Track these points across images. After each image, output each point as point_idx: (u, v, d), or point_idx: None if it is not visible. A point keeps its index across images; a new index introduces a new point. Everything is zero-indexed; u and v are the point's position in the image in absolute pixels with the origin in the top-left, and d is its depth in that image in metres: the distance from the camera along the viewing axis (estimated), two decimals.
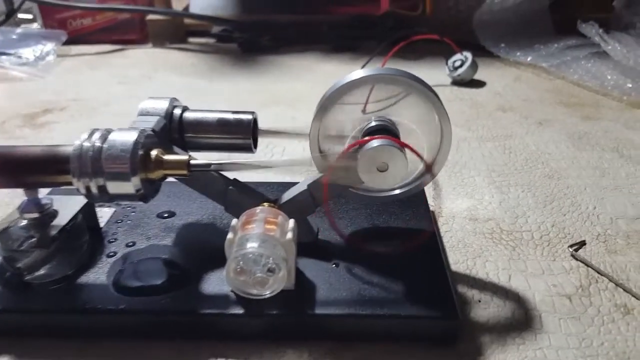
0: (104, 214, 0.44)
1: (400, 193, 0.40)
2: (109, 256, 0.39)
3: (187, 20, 1.16)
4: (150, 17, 1.13)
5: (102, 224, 0.43)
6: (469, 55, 0.84)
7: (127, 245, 0.40)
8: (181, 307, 0.34)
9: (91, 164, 0.33)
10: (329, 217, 0.37)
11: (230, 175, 0.40)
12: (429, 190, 0.46)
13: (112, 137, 0.34)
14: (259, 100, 0.79)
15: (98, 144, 0.34)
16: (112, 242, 0.41)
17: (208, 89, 0.86)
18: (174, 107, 0.40)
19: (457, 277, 0.40)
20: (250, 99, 0.81)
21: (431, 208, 0.46)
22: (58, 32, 1.09)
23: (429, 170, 0.36)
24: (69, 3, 1.10)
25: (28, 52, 1.03)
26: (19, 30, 1.13)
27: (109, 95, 0.83)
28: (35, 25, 1.21)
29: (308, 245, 0.39)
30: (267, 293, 0.33)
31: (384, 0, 1.01)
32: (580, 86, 0.84)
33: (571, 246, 0.43)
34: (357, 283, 0.36)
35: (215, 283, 0.36)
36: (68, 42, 1.09)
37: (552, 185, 0.54)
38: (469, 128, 0.69)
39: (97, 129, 0.35)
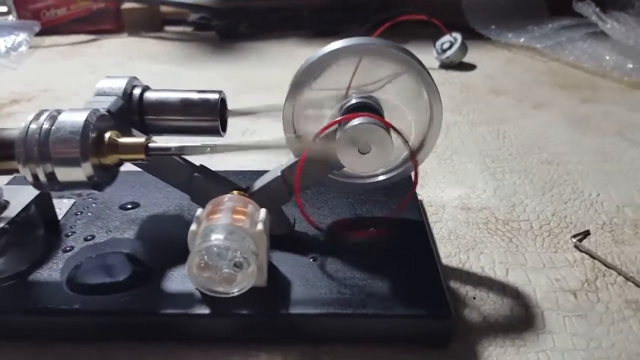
0: (62, 205, 0.41)
1: (384, 179, 0.36)
2: (65, 251, 0.35)
3: (163, 9, 1.13)
4: (126, 5, 1.09)
5: (60, 216, 0.39)
6: (458, 36, 0.80)
7: (86, 239, 0.37)
8: (141, 306, 0.31)
9: (38, 148, 0.30)
10: (299, 204, 0.33)
11: (197, 161, 0.36)
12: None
13: (62, 118, 0.30)
14: (235, 87, 0.75)
15: (46, 125, 0.30)
16: (70, 235, 0.37)
17: (183, 77, 0.82)
18: (134, 86, 0.36)
19: (449, 271, 0.36)
20: (227, 85, 0.76)
21: (419, 197, 0.42)
22: (31, 23, 1.05)
23: (413, 157, 0.32)
24: None
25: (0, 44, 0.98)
26: None
27: (80, 85, 0.78)
28: (10, 18, 1.17)
29: (283, 237, 0.35)
30: (235, 291, 0.29)
31: None
32: (577, 68, 0.81)
33: (574, 236, 0.40)
34: (337, 279, 0.32)
35: (179, 280, 0.32)
36: (42, 33, 1.05)
37: (551, 171, 0.50)
38: (460, 112, 0.65)
39: (46, 110, 0.31)
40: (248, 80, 0.78)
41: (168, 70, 0.86)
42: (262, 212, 0.31)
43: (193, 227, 0.30)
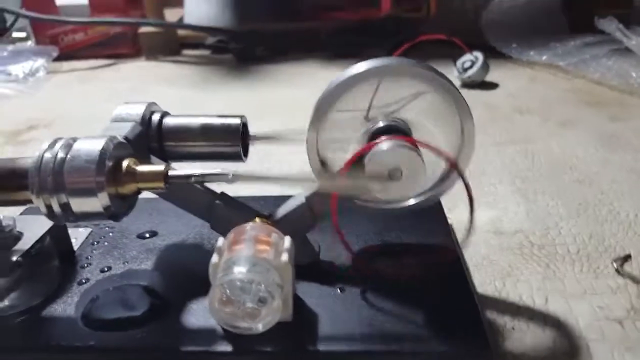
0: (78, 235, 0.39)
1: (415, 203, 0.34)
2: (80, 283, 0.34)
3: (181, 32, 1.13)
4: (143, 30, 1.09)
5: (76, 247, 0.38)
6: (479, 55, 0.79)
7: (102, 271, 0.35)
8: (159, 343, 0.29)
9: (52, 178, 0.28)
10: (338, 231, 0.31)
11: (218, 188, 0.35)
12: (445, 201, 0.41)
13: (77, 146, 0.29)
14: (253, 110, 0.74)
15: (61, 154, 0.29)
16: (86, 267, 0.36)
17: (201, 101, 0.81)
18: (152, 112, 0.35)
19: (485, 300, 0.34)
20: (244, 108, 0.75)
21: (449, 221, 0.41)
22: (49, 48, 1.06)
23: (454, 167, 0.30)
24: (60, 18, 1.07)
25: (18, 69, 0.99)
26: (10, 47, 1.10)
27: (97, 110, 0.78)
28: (29, 43, 1.18)
29: (308, 267, 0.33)
30: (260, 327, 0.27)
31: (385, 3, 0.96)
32: (603, 85, 0.78)
33: (615, 260, 0.38)
34: (367, 312, 0.30)
35: (200, 314, 0.30)
36: (60, 58, 1.06)
37: (584, 191, 0.48)
38: (485, 132, 0.63)
39: (61, 138, 0.30)
40: (266, 103, 0.78)
41: (185, 94, 0.85)
42: (287, 240, 0.29)
43: (214, 258, 0.28)
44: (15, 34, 1.22)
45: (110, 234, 0.39)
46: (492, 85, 0.81)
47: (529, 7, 0.89)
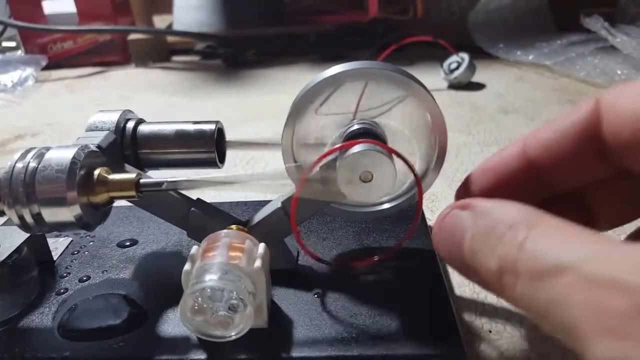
0: (59, 244, 0.39)
1: (389, 207, 0.34)
2: (58, 293, 0.34)
3: (170, 39, 1.13)
4: (132, 37, 1.09)
5: (56, 256, 0.38)
6: (465, 56, 0.79)
7: (81, 280, 0.35)
8: (134, 353, 0.29)
9: (23, 189, 0.28)
10: (296, 237, 0.31)
11: (194, 195, 0.34)
12: (425, 201, 0.41)
13: (48, 155, 0.29)
14: (243, 114, 0.74)
15: (32, 164, 0.29)
16: (65, 276, 0.36)
17: (189, 106, 0.81)
18: (127, 120, 0.35)
19: (463, 302, 0.34)
20: (234, 113, 0.76)
21: (429, 222, 0.40)
22: (38, 57, 1.06)
23: (418, 183, 0.30)
24: (48, 27, 1.07)
25: (6, 79, 0.99)
26: None
27: (86, 119, 0.77)
28: (18, 53, 1.18)
29: (285, 272, 0.33)
30: (233, 334, 0.27)
31: (372, 6, 0.96)
32: (589, 83, 0.78)
33: None
34: (342, 317, 0.30)
35: (176, 323, 0.30)
36: (49, 67, 1.06)
37: None
38: (469, 132, 0.63)
39: (33, 148, 0.30)
40: (256, 108, 0.77)
41: (175, 100, 0.85)
42: (261, 247, 0.29)
43: (187, 266, 0.28)
44: (4, 44, 1.22)
45: (91, 243, 0.39)
46: (479, 86, 0.80)
47: (515, 8, 0.90)
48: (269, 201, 0.35)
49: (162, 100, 0.85)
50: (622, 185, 0.26)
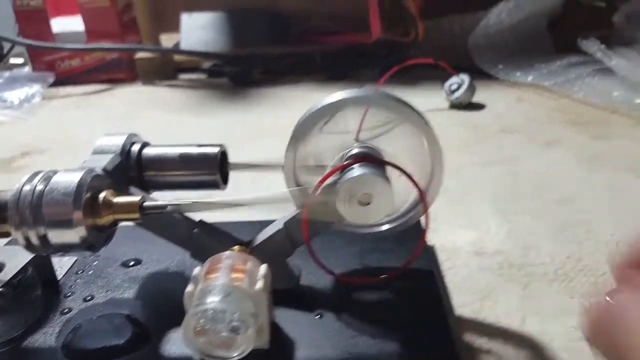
0: (63, 264, 0.40)
1: (388, 229, 0.35)
2: (62, 313, 0.34)
3: (177, 57, 1.14)
4: (140, 55, 1.10)
5: (60, 276, 0.38)
6: (465, 77, 0.80)
7: (85, 300, 0.36)
8: None
9: (30, 211, 0.29)
10: (312, 254, 0.32)
11: (197, 216, 0.35)
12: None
13: (55, 179, 0.30)
14: (249, 133, 0.75)
15: (39, 187, 0.29)
16: (69, 296, 0.36)
17: (196, 125, 0.82)
18: (133, 143, 0.36)
19: (463, 322, 0.35)
20: (240, 131, 0.77)
21: (430, 242, 0.41)
22: (45, 74, 1.07)
23: (422, 198, 0.31)
24: (57, 45, 1.08)
25: (13, 96, 1.00)
26: (7, 74, 1.11)
27: (92, 136, 0.78)
28: (26, 69, 1.19)
29: (287, 292, 0.34)
30: (235, 355, 0.27)
31: (375, 28, 0.97)
32: (587, 104, 0.79)
33: None
34: (344, 337, 0.30)
35: (178, 343, 0.31)
36: (57, 84, 1.07)
37: (564, 211, 0.49)
38: (470, 152, 0.64)
39: (41, 171, 0.31)
40: (261, 126, 0.78)
41: (182, 118, 0.86)
42: (263, 268, 0.30)
43: (189, 287, 0.29)
44: (12, 60, 1.23)
45: (95, 262, 0.40)
46: (479, 106, 0.81)
47: (514, 30, 0.90)
48: (271, 221, 0.35)
49: (169, 117, 0.86)
50: None
